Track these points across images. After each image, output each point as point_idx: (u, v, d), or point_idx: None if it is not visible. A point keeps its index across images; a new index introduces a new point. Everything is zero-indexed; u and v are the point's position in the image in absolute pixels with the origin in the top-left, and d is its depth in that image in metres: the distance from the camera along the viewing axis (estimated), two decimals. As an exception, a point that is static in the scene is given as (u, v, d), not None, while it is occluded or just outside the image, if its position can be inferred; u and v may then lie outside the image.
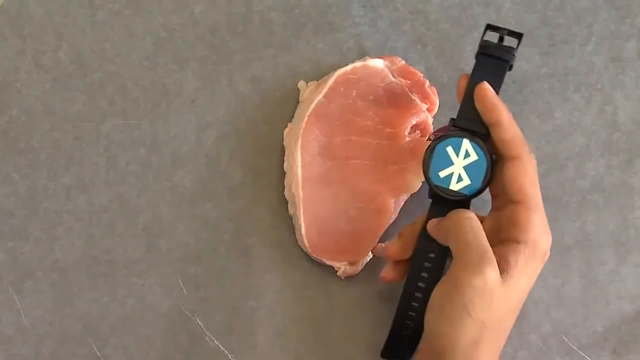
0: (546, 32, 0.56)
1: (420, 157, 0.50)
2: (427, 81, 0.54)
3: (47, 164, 0.54)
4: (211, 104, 0.55)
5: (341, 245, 0.52)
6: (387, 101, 0.53)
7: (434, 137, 0.53)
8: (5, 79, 0.55)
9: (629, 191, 0.55)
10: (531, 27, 0.56)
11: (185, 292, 0.53)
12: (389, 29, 0.56)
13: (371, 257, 0.53)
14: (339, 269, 0.52)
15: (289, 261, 0.54)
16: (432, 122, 0.54)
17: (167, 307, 0.53)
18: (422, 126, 0.54)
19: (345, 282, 0.53)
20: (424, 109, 0.53)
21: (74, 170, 0.54)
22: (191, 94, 0.55)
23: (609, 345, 0.54)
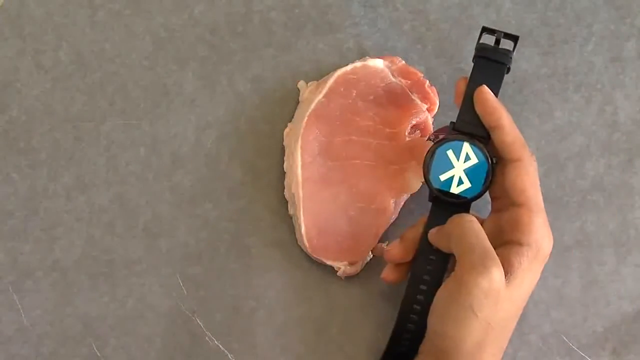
0: (546, 32, 0.56)
1: (420, 157, 0.50)
2: (427, 81, 0.54)
3: (47, 164, 0.54)
4: (211, 104, 0.55)
5: (341, 245, 0.52)
6: (387, 101, 0.53)
7: (434, 137, 0.53)
8: (5, 79, 0.55)
9: (629, 191, 0.55)
10: (531, 27, 0.56)
11: (185, 292, 0.53)
12: (389, 29, 0.56)
13: (371, 257, 0.53)
14: (339, 269, 0.52)
15: (289, 261, 0.54)
16: (432, 122, 0.54)
17: (167, 307, 0.53)
18: (422, 126, 0.54)
19: (345, 282, 0.53)
20: (424, 109, 0.53)
21: (74, 170, 0.54)
22: (191, 94, 0.55)
23: (609, 345, 0.54)
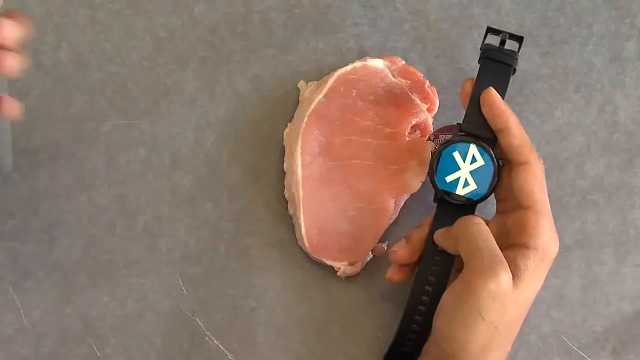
0: (546, 32, 0.56)
1: (420, 157, 0.50)
2: (427, 81, 0.54)
3: (47, 164, 0.54)
4: (211, 104, 0.55)
5: (341, 245, 0.52)
6: (387, 101, 0.53)
7: (434, 137, 0.53)
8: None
9: (629, 191, 0.55)
10: (531, 27, 0.56)
11: (185, 292, 0.53)
12: (389, 29, 0.56)
13: (371, 257, 0.53)
14: (339, 269, 0.52)
15: (289, 261, 0.54)
16: (432, 122, 0.54)
17: (167, 307, 0.53)
18: (422, 126, 0.54)
19: (345, 282, 0.53)
20: (424, 109, 0.53)
21: (74, 170, 0.54)
22: (191, 94, 0.55)
23: (609, 345, 0.54)
